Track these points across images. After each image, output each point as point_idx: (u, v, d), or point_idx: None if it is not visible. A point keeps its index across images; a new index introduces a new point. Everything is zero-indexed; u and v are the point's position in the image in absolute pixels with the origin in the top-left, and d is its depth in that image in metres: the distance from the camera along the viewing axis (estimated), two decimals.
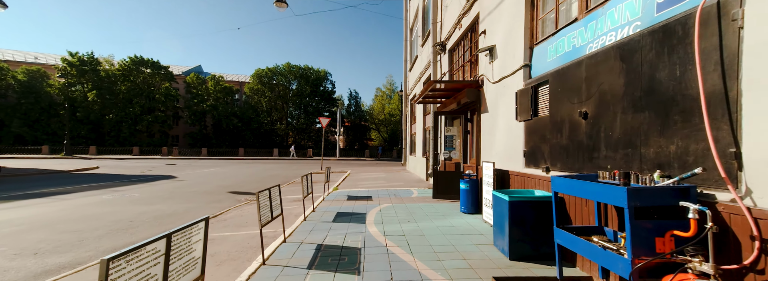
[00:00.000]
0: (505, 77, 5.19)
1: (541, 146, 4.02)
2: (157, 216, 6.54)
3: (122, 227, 5.65)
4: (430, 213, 6.34)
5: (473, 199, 6.16)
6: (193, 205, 7.88)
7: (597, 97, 3.04)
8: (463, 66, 8.29)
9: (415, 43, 17.08)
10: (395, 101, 43.90)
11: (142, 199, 8.47)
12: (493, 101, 5.75)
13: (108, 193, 9.35)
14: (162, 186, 11.08)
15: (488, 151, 6.01)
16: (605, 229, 2.79)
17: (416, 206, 7.01)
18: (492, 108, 5.83)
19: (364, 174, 15.86)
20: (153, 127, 38.80)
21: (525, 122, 4.48)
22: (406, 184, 11.54)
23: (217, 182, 12.48)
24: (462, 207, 6.29)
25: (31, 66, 35.96)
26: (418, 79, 14.85)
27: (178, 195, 9.22)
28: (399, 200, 7.95)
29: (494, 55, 5.66)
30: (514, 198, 3.54)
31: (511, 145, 4.93)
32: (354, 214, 6.26)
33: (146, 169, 18.44)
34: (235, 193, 10.12)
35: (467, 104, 7.35)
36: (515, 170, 4.77)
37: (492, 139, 5.82)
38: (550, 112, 3.81)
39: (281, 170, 18.85)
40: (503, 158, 5.26)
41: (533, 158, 4.24)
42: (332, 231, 5.03)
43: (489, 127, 5.96)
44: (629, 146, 2.66)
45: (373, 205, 7.23)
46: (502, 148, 5.33)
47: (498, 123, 5.51)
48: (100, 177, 13.79)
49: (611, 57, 2.86)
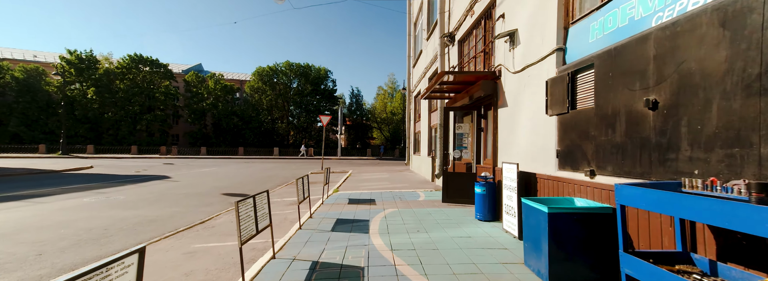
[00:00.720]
0: (530, 65, 4.48)
1: (583, 144, 3.31)
2: (137, 223, 5.88)
3: (93, 236, 4.98)
4: (441, 220, 5.65)
5: (490, 205, 5.45)
6: (180, 209, 7.23)
7: (675, 80, 2.34)
8: (474, 57, 7.57)
9: (419, 37, 16.36)
10: (397, 99, 43.18)
11: (127, 202, 7.82)
12: (514, 93, 5.04)
13: (92, 195, 8.71)
14: (152, 188, 10.43)
15: (507, 150, 5.31)
16: (693, 257, 2.09)
17: (425, 212, 6.31)
18: (512, 102, 5.12)
19: (366, 174, 15.18)
20: (152, 126, 38.23)
21: (558, 116, 3.78)
22: (411, 185, 10.85)
23: (211, 183, 11.83)
24: (477, 214, 5.59)
25: (29, 64, 35.47)
26: (422, 75, 14.14)
27: (167, 198, 8.57)
28: (405, 204, 7.26)
29: (516, 41, 4.95)
30: (555, 210, 2.84)
31: (539, 143, 4.23)
32: (356, 221, 5.57)
33: (141, 169, 17.84)
34: (230, 195, 9.46)
35: (481, 98, 6.64)
36: (544, 173, 4.07)
37: (512, 137, 5.12)
38: (597, 102, 3.11)
39: (280, 170, 18.20)
40: (527, 159, 4.56)
41: (570, 159, 3.54)
42: (331, 243, 4.35)
43: (508, 123, 5.26)
44: (737, 143, 1.95)
45: (377, 210, 6.54)
46: (526, 147, 4.63)
47: (520, 119, 4.81)
48: (91, 177, 13.17)
49: (704, 24, 2.15)
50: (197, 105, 38.75)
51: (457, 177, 7.10)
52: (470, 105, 7.27)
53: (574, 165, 3.48)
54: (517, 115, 4.92)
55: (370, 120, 46.57)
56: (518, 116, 4.89)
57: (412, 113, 19.25)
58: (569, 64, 3.62)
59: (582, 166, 3.32)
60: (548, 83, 3.94)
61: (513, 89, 5.10)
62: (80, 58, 34.93)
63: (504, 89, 5.48)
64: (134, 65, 37.06)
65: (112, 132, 36.19)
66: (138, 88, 36.76)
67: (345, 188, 10.03)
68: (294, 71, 41.55)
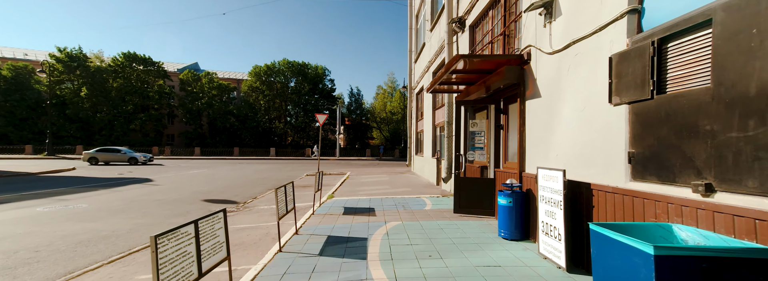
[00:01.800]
0: (578, 40, 3.41)
1: (685, 144, 2.24)
2: (82, 241, 4.79)
3: (11, 263, 3.90)
4: (457, 238, 4.56)
5: (519, 220, 4.37)
6: (146, 221, 6.15)
7: None
8: (491, 43, 6.49)
9: (421, 30, 15.28)
10: (397, 98, 42.08)
11: (86, 212, 6.74)
12: (551, 79, 3.96)
13: (50, 203, 7.62)
14: (127, 193, 9.35)
15: (540, 152, 4.23)
16: None
17: (435, 227, 5.23)
18: (548, 90, 4.05)
19: (364, 177, 14.08)
20: (147, 126, 37.09)
21: (631, 104, 2.70)
22: (415, 190, 9.76)
23: (195, 187, 10.75)
24: (502, 231, 4.50)
25: (18, 62, 34.35)
26: (425, 69, 13.06)
27: (137, 206, 7.48)
28: (410, 214, 6.17)
29: (554, 12, 3.87)
30: (667, 251, 1.75)
31: (594, 143, 3.15)
32: (351, 241, 4.49)
33: (127, 171, 16.76)
34: (210, 202, 8.38)
35: (500, 89, 5.57)
36: (607, 184, 2.98)
37: (547, 134, 4.04)
38: (720, 79, 2.03)
39: (275, 172, 17.11)
40: (574, 164, 3.48)
41: (656, 166, 2.46)
42: (316, 277, 3.26)
43: (542, 117, 4.18)
44: None
45: (377, 224, 5.45)
46: (570, 148, 3.55)
47: (561, 111, 3.73)
48: (64, 181, 12.08)
49: None
50: (192, 104, 37.63)
51: (472, 184, 6.02)
52: (487, 98, 6.19)
53: (664, 175, 2.40)
54: (556, 106, 3.84)
55: (369, 120, 45.46)
56: (558, 107, 3.81)
57: (414, 111, 18.16)
58: (653, 30, 2.54)
59: (684, 176, 2.24)
60: (613, 59, 2.85)
61: (549, 75, 4.02)
62: (71, 56, 33.81)
63: (535, 76, 4.40)
64: (128, 64, 35.93)
65: (105, 132, 35.05)
66: (131, 87, 35.65)
67: (341, 194, 8.95)
68: (292, 69, 40.45)
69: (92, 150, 21.81)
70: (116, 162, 21.60)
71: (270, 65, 40.13)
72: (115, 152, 21.62)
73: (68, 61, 33.47)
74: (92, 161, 21.06)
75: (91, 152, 21.34)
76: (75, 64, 33.65)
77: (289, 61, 40.75)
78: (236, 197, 9.24)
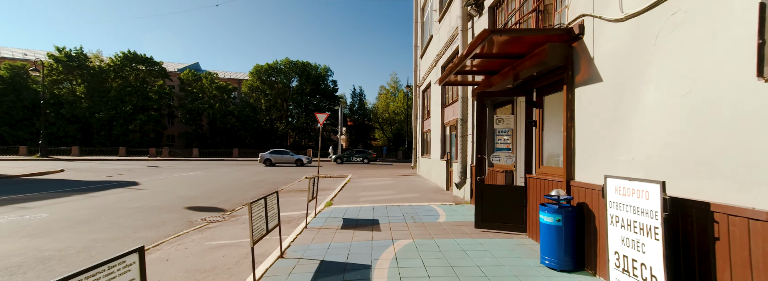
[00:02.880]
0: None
1: None
2: (12, 266, 3.80)
3: None
4: (487, 267, 3.49)
5: (570, 245, 3.31)
6: (108, 235, 5.16)
7: None
8: (518, 23, 5.44)
9: (427, 22, 14.23)
10: (400, 98, 41.00)
11: (42, 224, 5.76)
12: (622, 55, 2.91)
13: (6, 212, 6.65)
14: (103, 199, 8.39)
15: (602, 154, 3.17)
16: None
17: (455, 248, 4.17)
18: (614, 71, 3.00)
19: (367, 180, 13.03)
20: (147, 126, 36.27)
21: None
22: (423, 196, 8.70)
23: (182, 192, 9.77)
24: (547, 258, 3.43)
25: (16, 62, 33.75)
26: (432, 64, 12.01)
27: (106, 216, 6.50)
28: (421, 229, 5.12)
29: None
30: None
31: (713, 142, 2.11)
32: (349, 270, 3.44)
33: (117, 173, 15.85)
34: (194, 209, 7.39)
35: (532, 78, 4.52)
36: (743, 207, 1.92)
37: (613, 131, 2.99)
38: None
39: (273, 174, 16.13)
40: (667, 172, 2.43)
41: None
42: None
43: (605, 108, 3.13)
44: None
45: (383, 243, 4.40)
46: (662, 149, 2.50)
47: (641, 97, 2.68)
48: (44, 185, 11.16)
49: None
50: (192, 105, 36.83)
51: (497, 192, 4.95)
52: (514, 89, 5.13)
53: None
54: (632, 92, 2.79)
55: (372, 120, 44.42)
56: (634, 93, 2.76)
57: (420, 109, 17.09)
58: None
59: None
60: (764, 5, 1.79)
61: (617, 50, 2.97)
62: (69, 55, 33.15)
63: (591, 54, 3.35)
64: (128, 63, 35.20)
65: (104, 133, 34.31)
66: (131, 87, 34.88)
67: (340, 200, 7.91)
68: (293, 68, 39.58)
69: (266, 152, 23.16)
70: (284, 164, 22.94)
71: (272, 64, 39.29)
72: (285, 154, 23.19)
73: (67, 60, 32.80)
74: (267, 163, 22.48)
75: (266, 154, 22.84)
76: (74, 64, 32.98)
77: (290, 61, 39.90)
78: (225, 203, 8.25)
